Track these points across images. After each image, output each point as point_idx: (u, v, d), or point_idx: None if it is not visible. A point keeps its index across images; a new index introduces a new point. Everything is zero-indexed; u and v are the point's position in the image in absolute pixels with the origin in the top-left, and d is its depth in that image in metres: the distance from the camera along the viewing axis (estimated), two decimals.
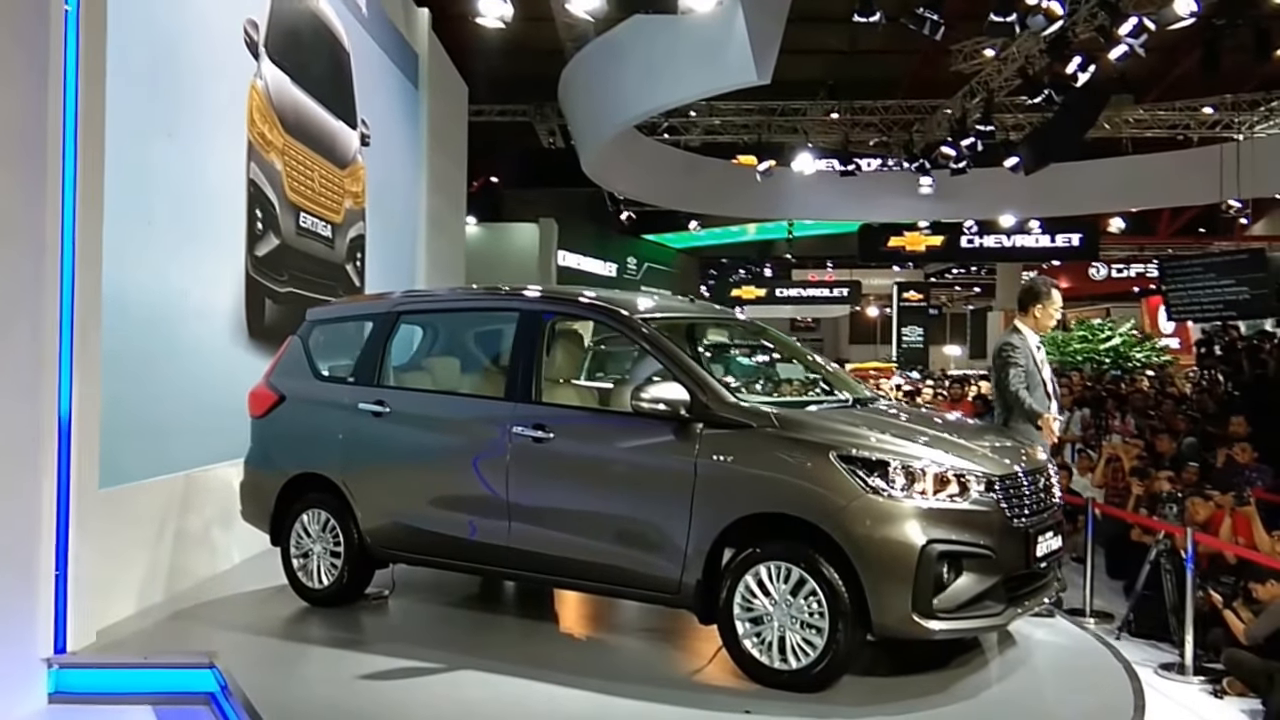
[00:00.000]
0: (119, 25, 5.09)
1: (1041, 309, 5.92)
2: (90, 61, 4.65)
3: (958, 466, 4.11)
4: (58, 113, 4.48)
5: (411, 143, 11.18)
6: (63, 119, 4.50)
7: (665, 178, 19.39)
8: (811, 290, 36.93)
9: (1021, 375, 5.69)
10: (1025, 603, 4.26)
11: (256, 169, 6.99)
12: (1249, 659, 5.56)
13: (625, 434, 4.56)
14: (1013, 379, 5.65)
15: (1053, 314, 5.95)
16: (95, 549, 4.86)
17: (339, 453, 5.46)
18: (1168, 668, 5.92)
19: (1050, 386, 5.87)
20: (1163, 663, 5.97)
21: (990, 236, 22.36)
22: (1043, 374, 5.85)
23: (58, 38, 4.45)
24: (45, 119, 4.42)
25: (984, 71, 15.27)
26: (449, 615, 5.57)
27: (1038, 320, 5.94)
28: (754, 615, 4.18)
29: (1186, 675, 5.79)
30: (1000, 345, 5.88)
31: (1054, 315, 5.97)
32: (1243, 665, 5.57)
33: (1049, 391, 5.83)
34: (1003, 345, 5.85)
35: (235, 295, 6.73)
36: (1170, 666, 5.95)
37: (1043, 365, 5.90)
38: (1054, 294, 5.95)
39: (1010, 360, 5.71)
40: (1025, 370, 5.72)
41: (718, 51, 10.11)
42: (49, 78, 4.42)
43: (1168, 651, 6.16)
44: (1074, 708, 4.25)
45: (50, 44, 4.42)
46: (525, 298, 5.19)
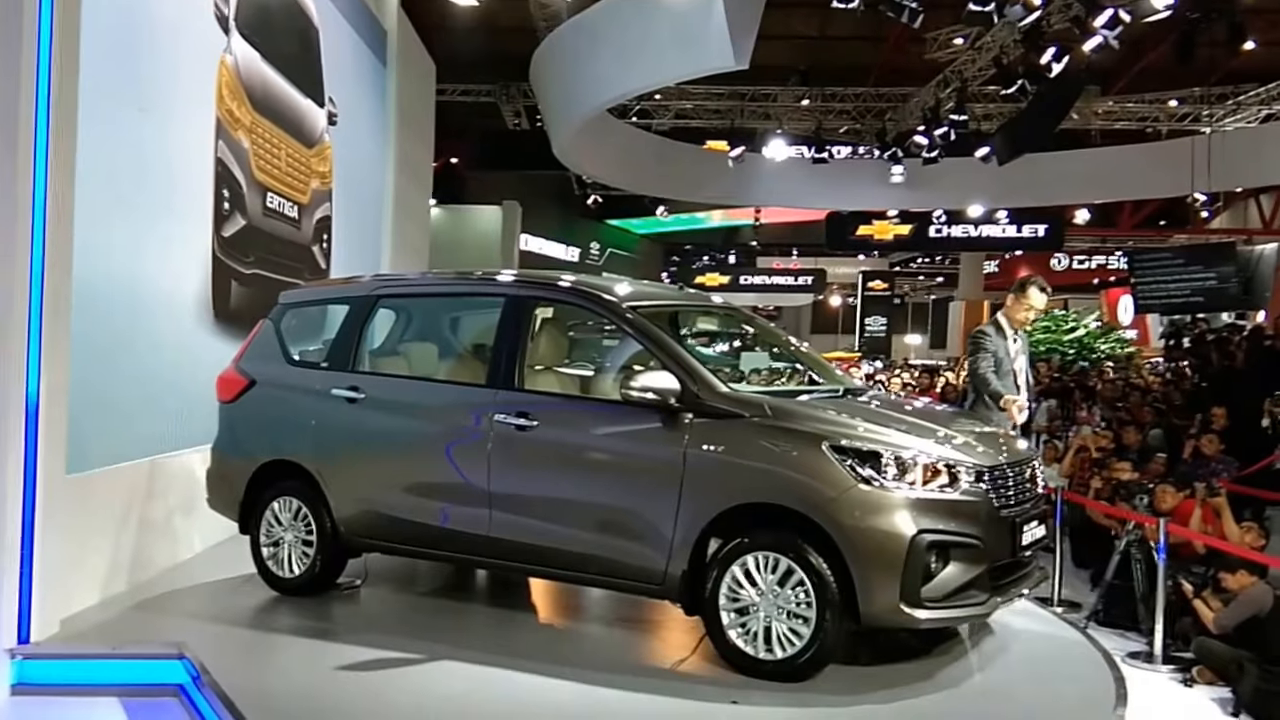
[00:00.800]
0: None
1: (1013, 302, 6.33)
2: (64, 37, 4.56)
3: (949, 457, 4.18)
4: (30, 90, 4.39)
5: (379, 122, 11.05)
6: (35, 97, 4.41)
7: (636, 162, 19.36)
8: (776, 278, 37.12)
9: (990, 360, 6.04)
10: (1008, 592, 4.34)
11: (224, 147, 6.88)
12: (1218, 647, 5.70)
13: (612, 422, 4.57)
14: (980, 363, 6.03)
15: (1021, 309, 6.32)
16: (62, 536, 4.79)
17: (312, 439, 5.41)
18: (1135, 656, 6.06)
19: (1023, 377, 6.22)
20: (1130, 651, 6.11)
21: (958, 226, 22.61)
22: (1015, 364, 6.18)
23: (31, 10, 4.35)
24: (17, 97, 4.34)
25: (958, 60, 15.40)
26: (423, 604, 5.57)
27: (1010, 313, 6.34)
28: (740, 605, 4.22)
29: (1155, 664, 5.94)
30: (975, 332, 6.29)
31: (1022, 311, 6.33)
32: (1212, 654, 5.72)
33: (1019, 382, 6.17)
34: (977, 332, 6.27)
35: (202, 277, 6.63)
36: (1138, 655, 6.09)
37: (1017, 356, 6.23)
38: (1031, 291, 6.31)
39: (980, 345, 6.11)
40: (995, 356, 6.08)
41: (695, 35, 10.08)
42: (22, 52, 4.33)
43: (1135, 640, 6.31)
44: (1056, 694, 4.35)
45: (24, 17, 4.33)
46: (510, 283, 5.17)
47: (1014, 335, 6.27)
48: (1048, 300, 6.56)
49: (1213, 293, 20.81)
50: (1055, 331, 21.16)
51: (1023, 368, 6.28)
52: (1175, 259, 21.98)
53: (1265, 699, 5.22)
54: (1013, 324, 6.31)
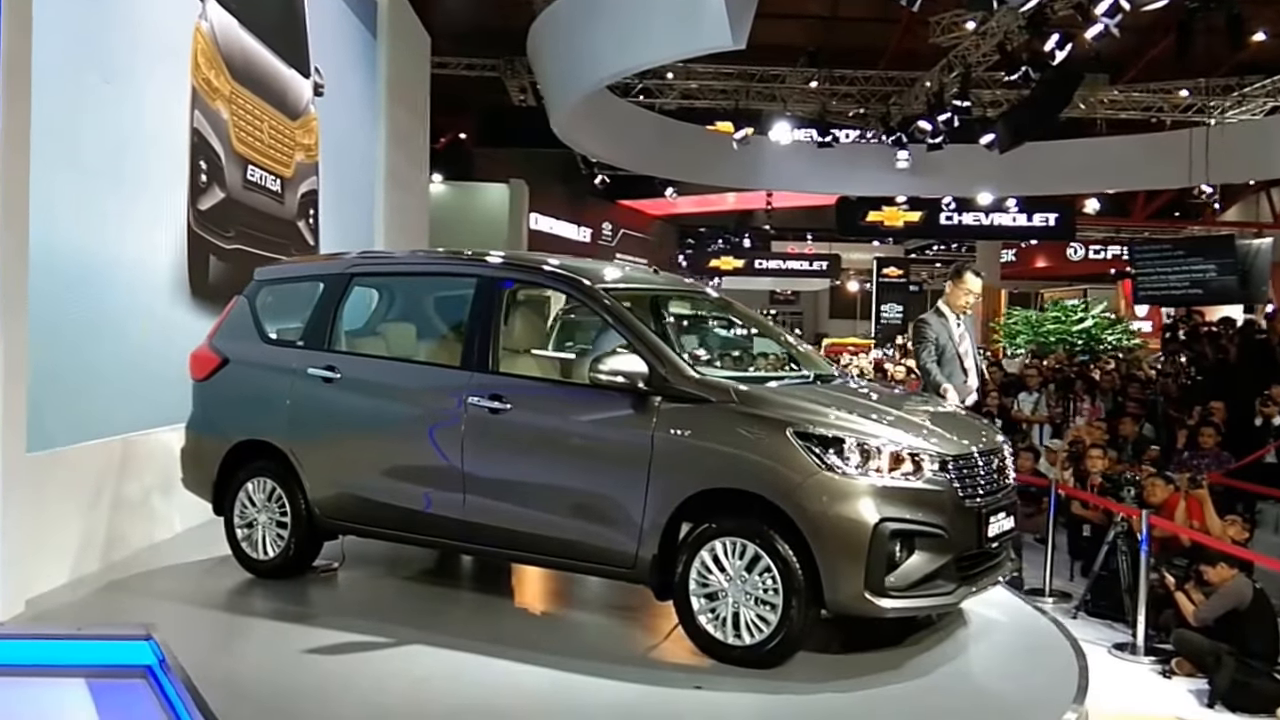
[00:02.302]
0: None
1: (952, 288, 6.56)
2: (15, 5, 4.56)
3: (912, 445, 4.19)
4: None
5: (369, 94, 11.05)
6: None
7: (638, 142, 19.28)
8: (791, 263, 37.10)
9: (931, 350, 6.31)
10: (977, 582, 4.36)
11: (201, 117, 6.89)
12: (1197, 639, 5.74)
13: (583, 406, 4.59)
14: (922, 353, 6.34)
15: (961, 295, 6.53)
16: (24, 515, 4.82)
17: (286, 419, 5.43)
18: (1121, 648, 6.09)
19: (968, 361, 6.46)
20: (1116, 642, 6.14)
21: (969, 214, 22.53)
22: (959, 348, 6.41)
23: None
24: None
25: (962, 46, 15.32)
26: (401, 589, 5.59)
27: (949, 298, 6.56)
28: (709, 591, 4.25)
29: (1138, 655, 5.97)
30: (916, 321, 6.56)
31: (962, 296, 6.55)
32: (1191, 645, 5.76)
33: (965, 366, 6.42)
34: (918, 321, 6.53)
35: (176, 251, 6.65)
36: (1124, 646, 6.12)
37: (961, 339, 6.45)
38: (967, 276, 6.58)
39: (922, 335, 6.40)
40: (938, 344, 6.33)
41: (692, 13, 10.04)
42: None
43: (1122, 631, 6.34)
44: (1021, 685, 4.37)
45: None
46: (484, 264, 5.18)
47: (957, 320, 6.50)
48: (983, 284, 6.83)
49: (1212, 285, 20.80)
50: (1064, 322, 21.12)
51: (968, 351, 6.50)
52: (1175, 250, 21.98)
53: (1240, 691, 5.26)
54: (954, 309, 6.54)
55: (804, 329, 42.13)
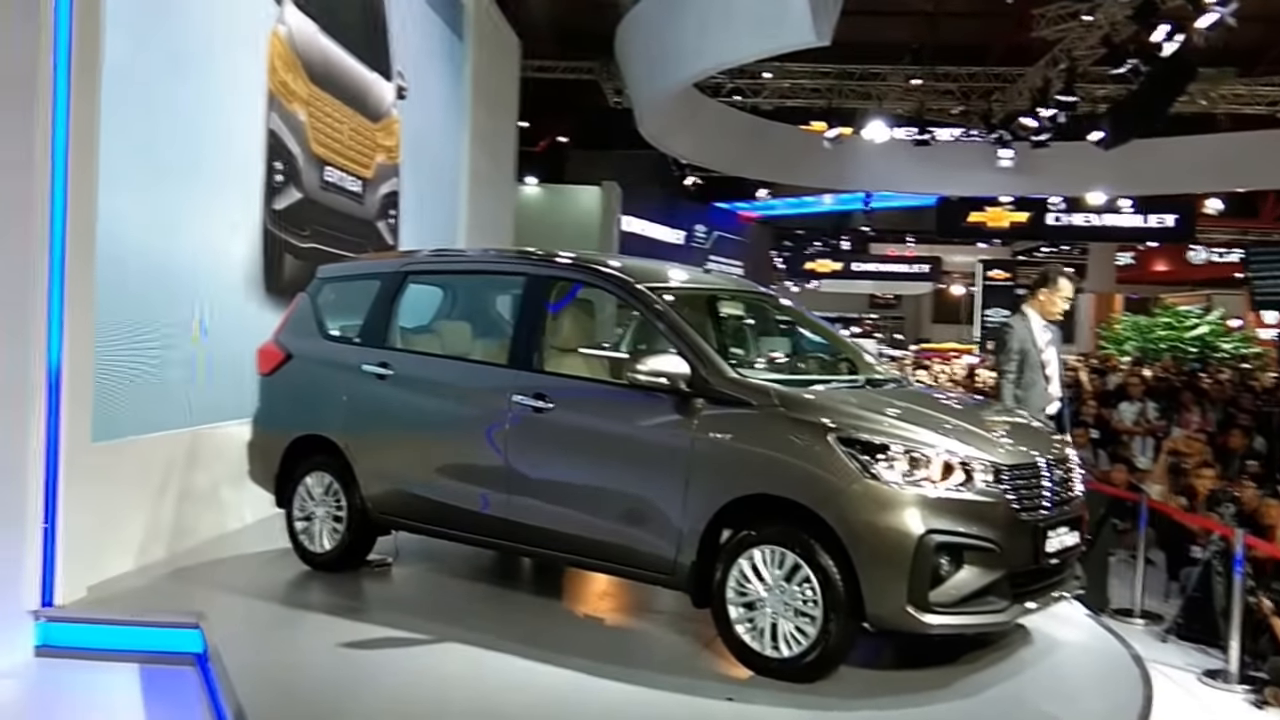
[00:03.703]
0: None
1: (1047, 294, 6.30)
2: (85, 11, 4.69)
3: (964, 454, 3.98)
4: (49, 55, 4.53)
5: (454, 97, 11.16)
6: (54, 59, 4.55)
7: (727, 142, 19.11)
8: (890, 265, 36.41)
9: (1014, 358, 6.10)
10: (1033, 600, 4.12)
11: (277, 119, 7.03)
12: None
13: (625, 407, 4.50)
14: (1003, 361, 6.14)
15: (1057, 301, 6.29)
16: (89, 503, 4.96)
17: (342, 415, 5.49)
18: (1213, 674, 5.73)
19: (1051, 369, 6.20)
20: (1208, 669, 5.77)
21: (1079, 214, 21.74)
22: (1043, 357, 6.16)
23: None
24: (36, 62, 4.48)
25: (1068, 39, 14.74)
26: (450, 586, 5.58)
27: (1042, 305, 6.28)
28: (747, 600, 4.11)
29: (1230, 683, 5.60)
30: (1000, 324, 6.37)
31: (1058, 302, 6.30)
32: None
33: (1047, 374, 6.17)
34: (1001, 326, 6.29)
35: (251, 249, 6.79)
36: (1216, 674, 5.75)
37: (1046, 347, 6.21)
38: (1062, 282, 6.31)
39: (1004, 342, 6.18)
40: (1021, 350, 6.11)
41: (775, 11, 9.87)
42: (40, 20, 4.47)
43: (1215, 657, 5.96)
44: (1076, 711, 4.11)
45: None
46: (530, 261, 5.14)
47: (1045, 326, 6.26)
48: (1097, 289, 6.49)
49: None
50: (1177, 329, 20.13)
51: (1052, 359, 6.24)
52: None
53: None
54: (1043, 315, 6.29)
55: (905, 334, 41.26)
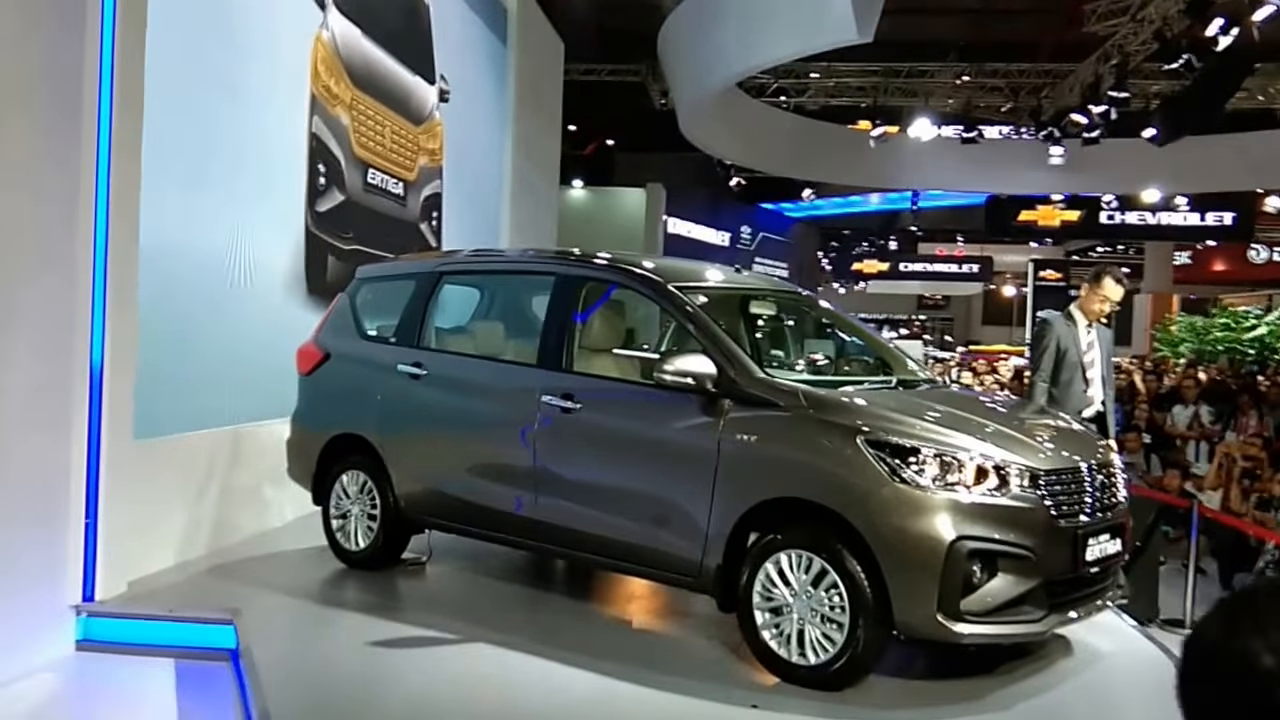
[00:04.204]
0: None
1: (1088, 292, 6.10)
2: (129, 6, 4.74)
3: (997, 457, 3.88)
4: (94, 59, 4.59)
5: (497, 101, 11.20)
6: (99, 65, 4.61)
7: (771, 142, 18.98)
8: (939, 265, 35.94)
9: (1049, 355, 5.92)
10: (1072, 610, 4.00)
11: (320, 123, 7.09)
12: None
13: (652, 407, 4.48)
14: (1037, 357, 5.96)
15: (1096, 301, 6.06)
16: (130, 499, 5.01)
17: (377, 414, 5.52)
18: None
19: (1096, 371, 6.00)
20: None
21: (1133, 213, 21.26)
22: (1085, 357, 5.97)
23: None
24: (81, 65, 4.54)
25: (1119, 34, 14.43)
26: (482, 586, 5.58)
27: (1084, 304, 6.11)
28: (774, 605, 4.05)
29: None
30: (1039, 321, 6.20)
31: (1098, 302, 6.06)
32: None
33: (1086, 376, 5.97)
34: (1040, 322, 6.15)
35: (293, 251, 6.86)
36: None
37: (1089, 349, 6.02)
38: (1106, 282, 6.07)
39: (1040, 337, 6.01)
40: (1059, 349, 5.93)
41: (817, 9, 9.78)
42: (85, 21, 4.53)
43: None
44: None
45: None
46: (560, 261, 5.13)
47: (1087, 326, 6.07)
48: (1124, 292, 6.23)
49: None
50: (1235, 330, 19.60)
51: (1094, 361, 6.04)
52: None
53: None
54: (1087, 315, 6.10)
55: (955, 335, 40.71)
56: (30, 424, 4.45)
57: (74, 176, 4.55)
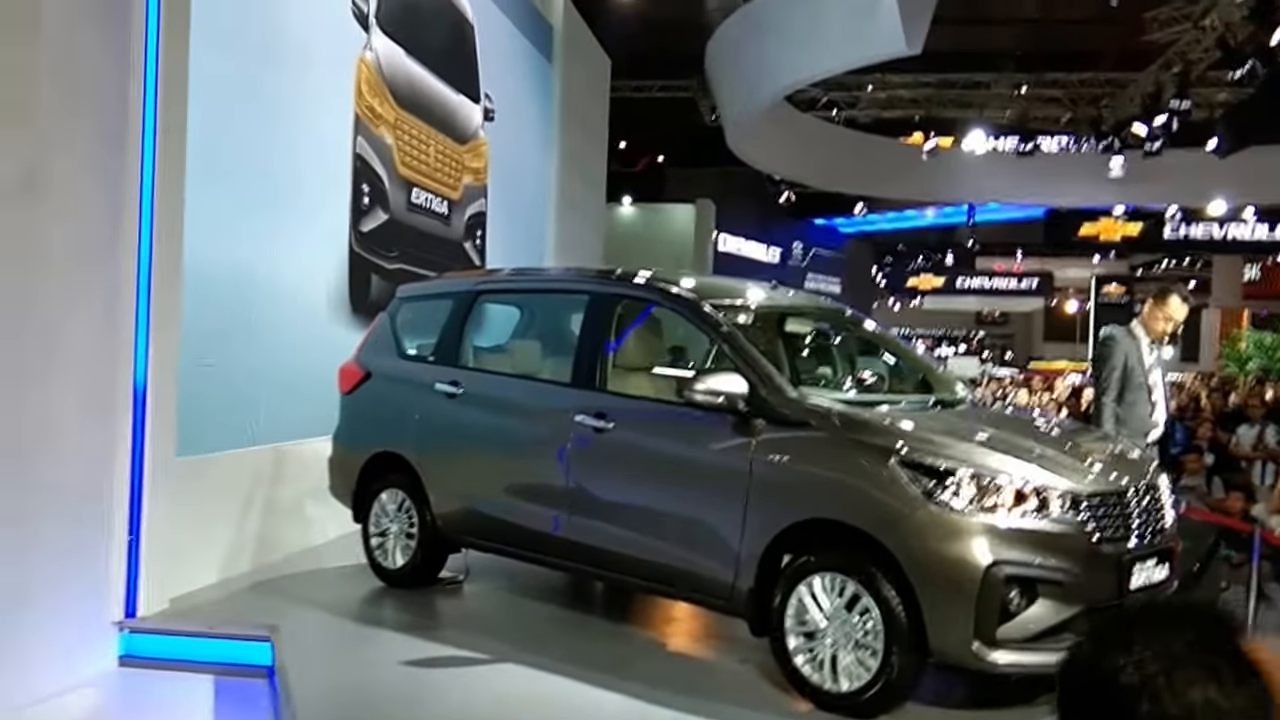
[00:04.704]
0: None
1: (1151, 309, 5.92)
2: (173, 23, 4.88)
3: (1036, 479, 3.81)
4: (138, 79, 4.72)
5: (542, 119, 11.31)
6: (143, 85, 4.74)
7: (819, 156, 18.92)
8: (997, 281, 35.51)
9: (1116, 374, 5.72)
10: None
11: (364, 143, 7.22)
12: None
13: (684, 427, 4.47)
14: (1105, 376, 5.73)
15: (1160, 319, 5.88)
16: (172, 517, 5.11)
17: (415, 432, 5.60)
18: None
19: (1157, 393, 5.82)
20: None
21: (1198, 225, 20.83)
22: (1149, 378, 5.78)
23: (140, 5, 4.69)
24: (125, 86, 4.68)
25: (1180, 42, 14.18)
26: (519, 606, 5.62)
27: (1147, 321, 5.93)
28: (806, 630, 4.02)
29: None
30: (1103, 337, 5.91)
31: (1161, 321, 5.89)
32: None
33: (1152, 398, 5.79)
34: (1105, 337, 5.89)
35: (337, 270, 6.98)
36: None
37: (1152, 369, 5.84)
38: (1171, 299, 5.89)
39: (1106, 357, 5.78)
40: (1125, 367, 5.74)
41: (865, 21, 9.76)
42: (130, 43, 4.67)
43: None
44: None
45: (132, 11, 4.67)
46: (594, 280, 5.17)
47: (1151, 345, 5.88)
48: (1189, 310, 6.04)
49: None
50: None
51: (1158, 382, 5.86)
52: None
53: None
54: (1150, 334, 5.91)
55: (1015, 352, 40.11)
56: (75, 443, 4.57)
57: (119, 196, 4.68)
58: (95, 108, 4.59)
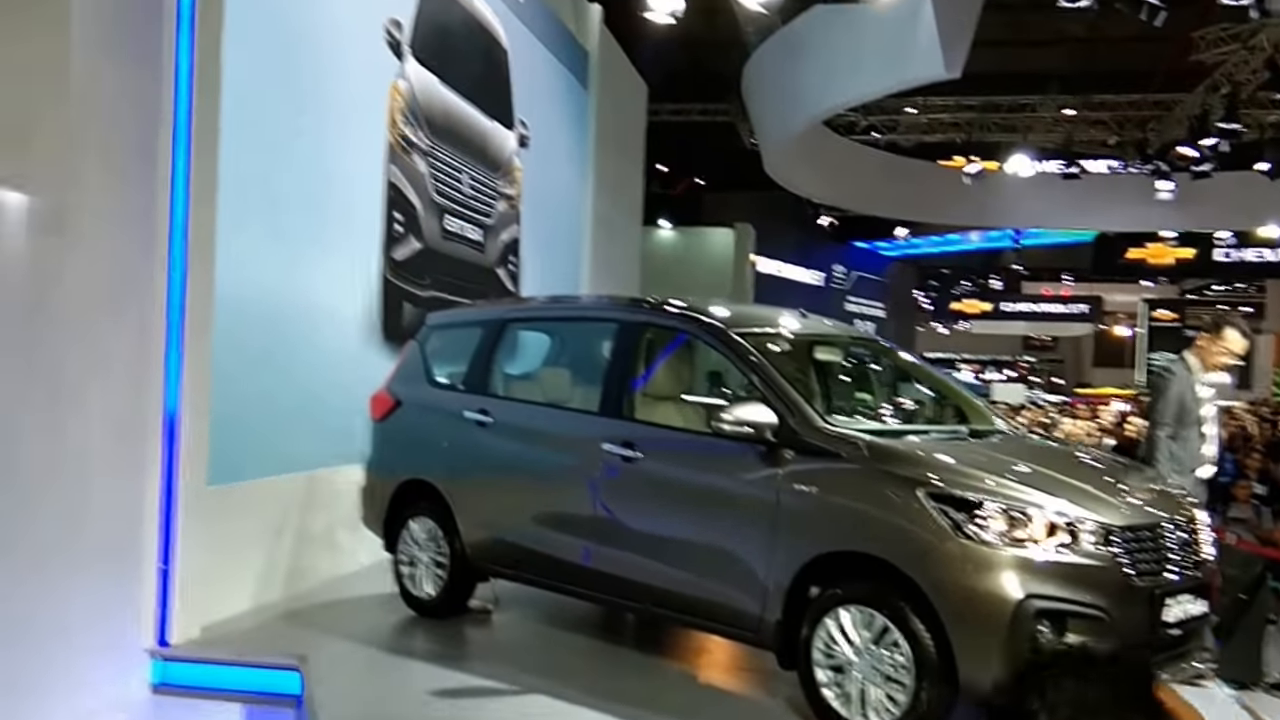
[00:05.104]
0: (245, 27, 5.43)
1: (1207, 342, 5.71)
2: (205, 58, 5.00)
3: (1067, 512, 3.78)
4: (169, 109, 4.85)
5: (577, 144, 11.41)
6: (174, 115, 4.87)
7: (857, 180, 18.91)
8: (1045, 305, 35.16)
9: (1171, 409, 5.56)
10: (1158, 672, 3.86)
11: (397, 171, 7.33)
12: None
13: (712, 457, 4.48)
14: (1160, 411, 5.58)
15: (1217, 353, 5.68)
16: (204, 545, 5.19)
17: (444, 461, 5.65)
18: None
19: (1211, 427, 5.63)
20: None
21: (1250, 249, 20.52)
22: (1201, 411, 5.60)
23: (170, 33, 4.82)
24: (158, 115, 4.80)
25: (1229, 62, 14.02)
26: (549, 636, 5.63)
27: (1203, 354, 5.72)
28: (834, 663, 4.00)
29: None
30: (1159, 369, 5.78)
31: (1219, 355, 5.68)
32: None
33: (1204, 432, 5.60)
34: (1159, 371, 5.76)
35: (369, 298, 7.07)
36: None
37: (1203, 402, 5.65)
38: (1228, 333, 5.67)
39: (1161, 388, 5.63)
40: (1180, 403, 5.56)
41: (903, 43, 9.78)
42: (162, 72, 4.80)
43: None
44: None
45: (163, 40, 4.80)
46: (622, 308, 5.20)
47: (1206, 378, 5.70)
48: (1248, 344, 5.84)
49: None
50: None
51: (1212, 417, 5.68)
52: None
53: None
54: (1206, 367, 5.71)
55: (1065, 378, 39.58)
56: (108, 470, 4.68)
57: (151, 225, 4.80)
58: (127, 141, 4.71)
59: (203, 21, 4.95)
